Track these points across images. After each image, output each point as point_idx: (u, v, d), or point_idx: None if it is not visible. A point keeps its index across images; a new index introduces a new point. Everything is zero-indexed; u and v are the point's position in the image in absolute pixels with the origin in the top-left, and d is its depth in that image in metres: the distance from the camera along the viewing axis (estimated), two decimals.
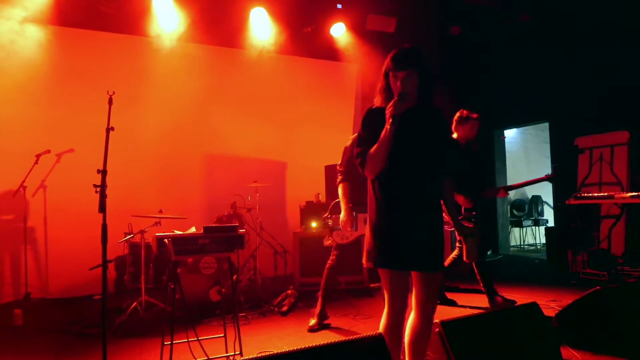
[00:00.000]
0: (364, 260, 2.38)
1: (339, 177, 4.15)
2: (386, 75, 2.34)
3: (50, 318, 4.72)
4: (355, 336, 2.18)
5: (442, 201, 2.45)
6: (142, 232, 4.61)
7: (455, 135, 4.56)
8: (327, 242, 4.24)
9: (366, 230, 2.40)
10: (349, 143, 4.25)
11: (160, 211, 4.75)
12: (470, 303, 4.76)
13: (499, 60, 7.95)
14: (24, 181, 5.16)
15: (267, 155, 6.88)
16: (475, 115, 4.51)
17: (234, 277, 4.78)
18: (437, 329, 2.44)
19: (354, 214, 4.03)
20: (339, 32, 6.87)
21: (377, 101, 2.39)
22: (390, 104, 2.18)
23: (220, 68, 6.59)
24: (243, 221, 5.42)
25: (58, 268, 5.53)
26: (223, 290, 4.67)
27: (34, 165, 5.20)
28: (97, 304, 5.18)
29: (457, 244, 4.72)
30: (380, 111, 2.28)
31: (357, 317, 4.49)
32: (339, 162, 4.29)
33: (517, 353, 2.64)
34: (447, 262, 4.66)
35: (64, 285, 5.51)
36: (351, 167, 3.81)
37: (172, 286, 4.66)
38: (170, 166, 6.23)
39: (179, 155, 6.31)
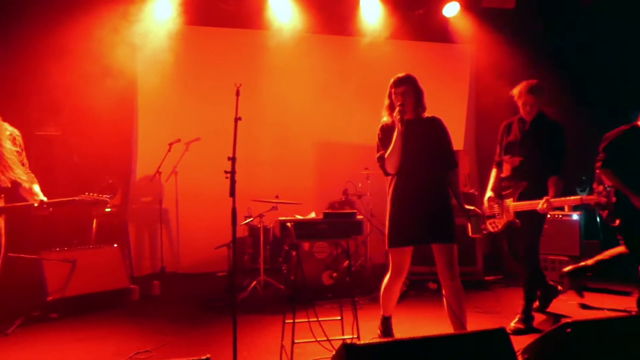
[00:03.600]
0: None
1: (493, 162, 4.05)
2: (389, 96, 3.17)
3: (182, 290, 5.26)
4: (476, 329, 2.12)
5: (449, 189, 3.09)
6: (260, 215, 4.89)
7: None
8: (485, 232, 4.01)
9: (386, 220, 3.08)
10: (498, 136, 4.03)
11: (277, 196, 4.99)
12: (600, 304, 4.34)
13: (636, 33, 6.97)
14: (159, 167, 5.74)
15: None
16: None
17: (347, 262, 4.89)
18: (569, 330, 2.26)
19: (500, 201, 3.86)
20: (453, 11, 6.55)
21: (386, 117, 3.23)
22: (396, 112, 2.99)
23: (333, 56, 6.68)
24: (354, 208, 5.49)
25: (188, 246, 6.12)
26: (335, 274, 4.79)
27: (167, 153, 5.75)
28: (220, 280, 5.64)
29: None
30: (389, 124, 3.12)
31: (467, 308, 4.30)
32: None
33: None
34: (607, 256, 4.17)
35: (192, 262, 6.09)
36: (502, 156, 3.88)
37: (287, 268, 4.92)
38: (285, 153, 6.51)
39: (294, 142, 6.56)
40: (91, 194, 3.48)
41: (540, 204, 3.53)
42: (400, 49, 6.87)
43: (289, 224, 2.70)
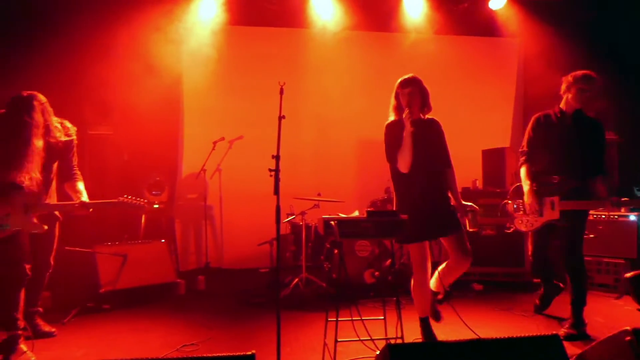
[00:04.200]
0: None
1: (521, 159, 3.82)
2: (397, 96, 3.29)
3: (225, 285, 5.37)
4: (525, 334, 2.04)
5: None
6: (302, 213, 4.92)
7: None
8: (510, 230, 3.92)
9: None
10: (529, 127, 3.85)
11: (319, 194, 5.00)
12: None
13: None
14: (204, 165, 5.89)
15: None
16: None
17: (389, 261, 4.85)
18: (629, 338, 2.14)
19: (541, 197, 3.64)
20: (499, 4, 6.34)
21: (392, 116, 3.32)
22: (406, 113, 3.14)
23: (375, 53, 6.62)
24: None
25: (231, 242, 6.25)
26: (377, 273, 4.75)
27: (211, 151, 5.88)
28: (262, 277, 5.72)
29: None
30: (396, 123, 3.24)
31: (514, 311, 4.19)
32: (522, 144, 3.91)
33: None
34: None
35: (235, 258, 6.21)
36: (533, 148, 3.73)
37: (329, 266, 4.92)
38: (327, 151, 6.52)
39: (336, 140, 6.56)
40: (130, 197, 3.56)
41: (605, 204, 3.41)
42: (444, 45, 6.73)
43: (332, 222, 2.70)
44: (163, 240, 5.02)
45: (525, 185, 3.69)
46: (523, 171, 3.76)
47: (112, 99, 5.50)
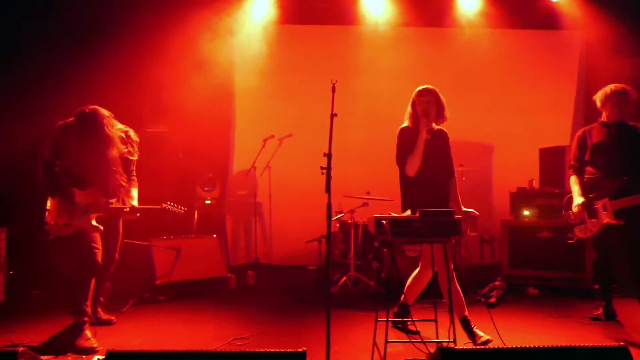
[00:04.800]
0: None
1: (569, 171, 4.00)
2: (413, 104, 3.41)
3: (274, 281, 5.44)
4: (589, 344, 1.92)
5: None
6: (351, 211, 4.90)
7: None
8: (573, 240, 3.94)
9: None
10: (574, 142, 4.00)
11: (368, 192, 4.96)
12: None
13: None
14: (254, 162, 5.99)
15: (473, 138, 6.54)
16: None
17: None
18: None
19: (592, 204, 3.76)
20: None
21: (407, 123, 3.46)
22: (422, 122, 3.31)
23: (427, 49, 6.48)
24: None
25: (280, 238, 6.33)
26: None
27: (261, 149, 5.98)
28: (310, 274, 5.75)
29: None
30: (410, 129, 3.40)
31: (572, 318, 3.97)
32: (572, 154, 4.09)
33: None
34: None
35: (284, 254, 6.28)
36: (580, 162, 3.90)
37: (377, 265, 4.88)
38: (377, 149, 6.43)
39: (386, 138, 6.44)
40: (172, 204, 3.88)
41: None
42: (500, 39, 6.48)
43: (384, 221, 2.66)
44: (215, 236, 5.16)
45: (574, 193, 3.86)
46: (572, 180, 3.93)
47: (167, 98, 5.70)
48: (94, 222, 3.46)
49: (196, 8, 5.62)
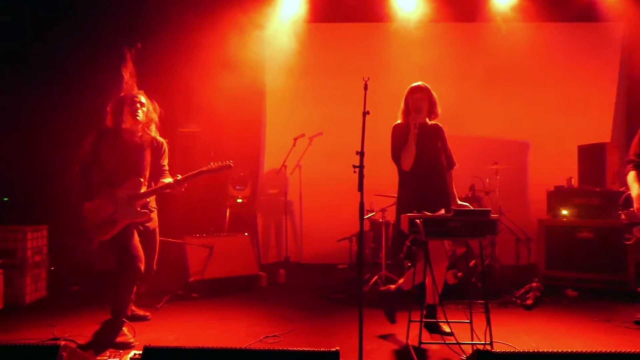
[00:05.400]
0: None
1: (628, 166, 3.80)
2: (406, 101, 3.54)
3: (305, 280, 5.45)
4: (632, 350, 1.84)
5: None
6: (382, 210, 4.85)
7: None
8: (631, 241, 3.76)
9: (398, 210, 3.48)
10: (636, 138, 3.83)
11: None
12: None
13: None
14: (284, 161, 6.01)
15: (507, 135, 6.38)
16: None
17: (473, 262, 4.64)
18: None
19: None
20: None
21: (400, 119, 3.59)
22: (412, 117, 3.41)
23: (459, 44, 6.36)
24: (482, 205, 5.18)
25: (310, 237, 6.33)
26: (460, 274, 4.57)
27: (292, 148, 5.99)
28: (341, 273, 5.73)
29: None
30: (403, 125, 3.52)
31: (614, 322, 3.81)
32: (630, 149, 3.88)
33: None
34: None
35: (314, 253, 6.29)
36: None
37: (409, 264, 4.81)
38: None
39: None
40: (215, 162, 3.76)
41: None
42: (536, 33, 6.30)
43: (417, 221, 2.62)
44: (246, 234, 5.20)
45: (634, 190, 3.65)
46: (631, 176, 3.73)
47: (199, 98, 5.78)
48: (139, 209, 3.51)
49: (227, 8, 5.68)
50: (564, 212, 4.99)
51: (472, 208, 3.42)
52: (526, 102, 6.36)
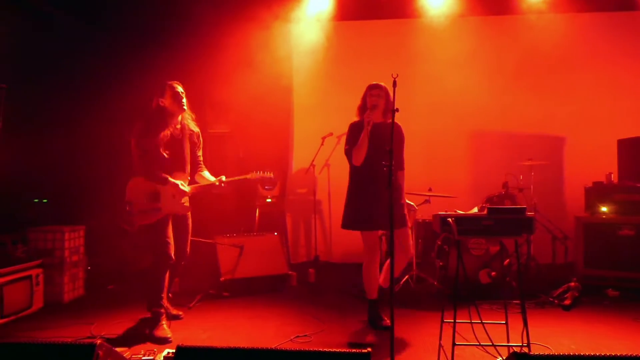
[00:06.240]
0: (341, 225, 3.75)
1: None
2: (364, 97, 3.63)
3: (334, 279, 5.43)
4: None
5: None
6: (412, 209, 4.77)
7: None
8: None
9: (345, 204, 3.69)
10: None
11: (430, 189, 4.82)
12: None
13: None
14: (313, 160, 5.99)
15: (542, 130, 6.18)
16: None
17: (507, 261, 4.52)
18: None
19: None
20: None
21: (358, 116, 3.68)
22: (367, 114, 3.46)
23: (489, 39, 6.20)
24: (516, 202, 5.04)
25: (339, 236, 6.28)
26: (493, 273, 4.46)
27: (320, 147, 5.96)
28: None
29: None
30: (358, 123, 3.60)
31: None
32: None
33: None
34: None
35: (343, 252, 6.25)
36: None
37: (441, 263, 4.73)
38: (438, 144, 6.26)
39: (448, 132, 6.26)
40: (258, 172, 3.95)
41: None
42: (570, 23, 6.08)
43: (450, 219, 2.56)
44: (276, 233, 5.22)
45: None
46: None
47: (228, 99, 5.84)
48: (184, 203, 3.65)
49: (253, 8, 5.71)
50: (603, 209, 4.80)
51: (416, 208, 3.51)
52: (561, 96, 6.15)
